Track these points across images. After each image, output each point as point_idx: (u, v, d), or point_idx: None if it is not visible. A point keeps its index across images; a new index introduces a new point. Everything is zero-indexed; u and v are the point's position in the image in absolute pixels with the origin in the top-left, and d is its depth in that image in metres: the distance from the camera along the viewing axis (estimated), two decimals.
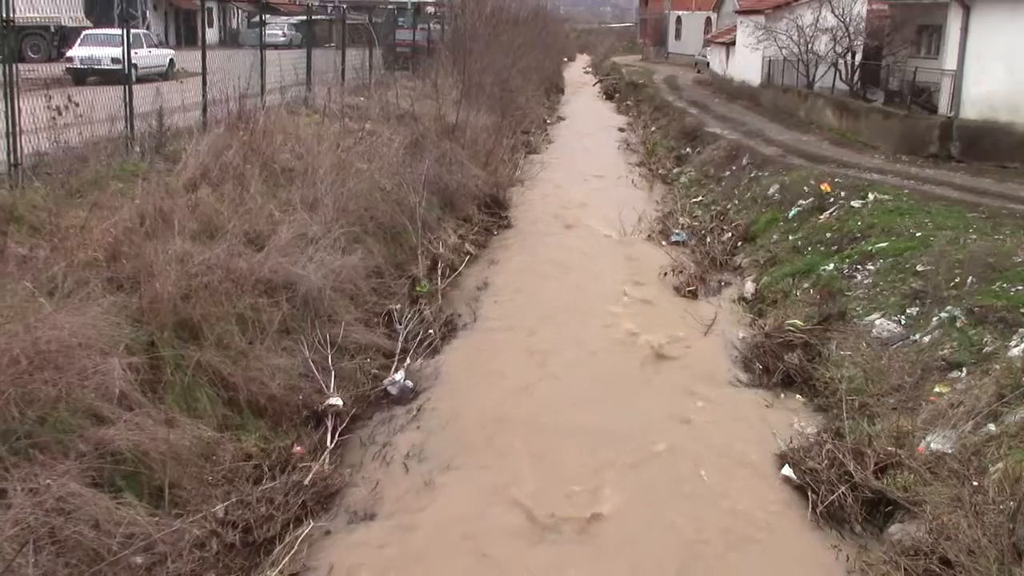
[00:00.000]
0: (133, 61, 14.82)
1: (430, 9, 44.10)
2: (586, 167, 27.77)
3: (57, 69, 18.12)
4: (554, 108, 45.01)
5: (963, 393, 9.24)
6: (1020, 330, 9.94)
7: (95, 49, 23.31)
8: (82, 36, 26.09)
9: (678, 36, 72.64)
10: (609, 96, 52.67)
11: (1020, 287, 10.92)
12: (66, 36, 29.36)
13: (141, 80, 17.20)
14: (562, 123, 39.94)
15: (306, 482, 8.34)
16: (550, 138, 34.39)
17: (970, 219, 14.46)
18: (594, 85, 61.54)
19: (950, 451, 8.38)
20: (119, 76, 14.04)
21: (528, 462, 9.44)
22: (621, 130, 37.61)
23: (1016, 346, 9.64)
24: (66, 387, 7.17)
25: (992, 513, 7.05)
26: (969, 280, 11.52)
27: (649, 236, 18.94)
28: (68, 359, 7.34)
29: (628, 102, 46.77)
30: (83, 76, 20.61)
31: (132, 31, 16.64)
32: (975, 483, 7.68)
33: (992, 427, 8.48)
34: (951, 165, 20.32)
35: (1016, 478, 7.34)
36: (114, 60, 17.69)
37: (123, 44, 13.89)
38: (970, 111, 20.84)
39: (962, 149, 20.84)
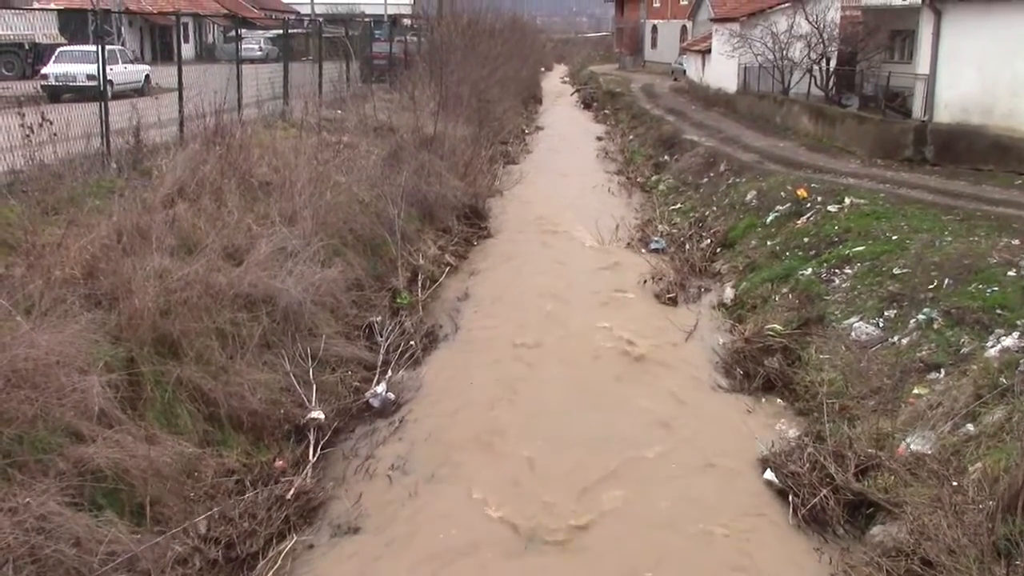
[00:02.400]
0: (108, 77, 14.77)
1: (407, 21, 44.24)
2: (565, 176, 27.84)
3: (32, 86, 18.00)
4: (532, 118, 45.08)
5: (941, 394, 9.31)
6: (996, 331, 10.03)
7: (70, 66, 23.17)
8: (57, 53, 25.91)
9: (654, 45, 72.88)
10: (587, 105, 52.78)
11: (995, 288, 11.03)
12: (40, 53, 29.13)
13: (117, 96, 17.12)
14: (540, 133, 40.01)
15: (289, 496, 8.32)
16: (528, 148, 34.42)
17: (945, 222, 14.58)
18: (572, 95, 61.63)
19: (930, 452, 8.45)
20: (94, 93, 13.98)
21: (513, 472, 9.43)
22: (599, 139, 37.70)
23: (993, 346, 9.73)
24: (44, 405, 7.13)
25: (972, 513, 7.11)
26: (945, 282, 11.62)
27: (628, 244, 19.01)
28: (46, 377, 7.30)
29: (606, 111, 46.91)
30: (58, 93, 20.45)
31: (107, 47, 16.50)
32: (955, 483, 7.74)
33: (971, 427, 8.55)
34: (926, 168, 20.47)
35: (995, 478, 7.39)
36: (89, 77, 17.59)
37: (98, 60, 13.82)
38: (943, 115, 21.00)
39: (936, 152, 20.99)
